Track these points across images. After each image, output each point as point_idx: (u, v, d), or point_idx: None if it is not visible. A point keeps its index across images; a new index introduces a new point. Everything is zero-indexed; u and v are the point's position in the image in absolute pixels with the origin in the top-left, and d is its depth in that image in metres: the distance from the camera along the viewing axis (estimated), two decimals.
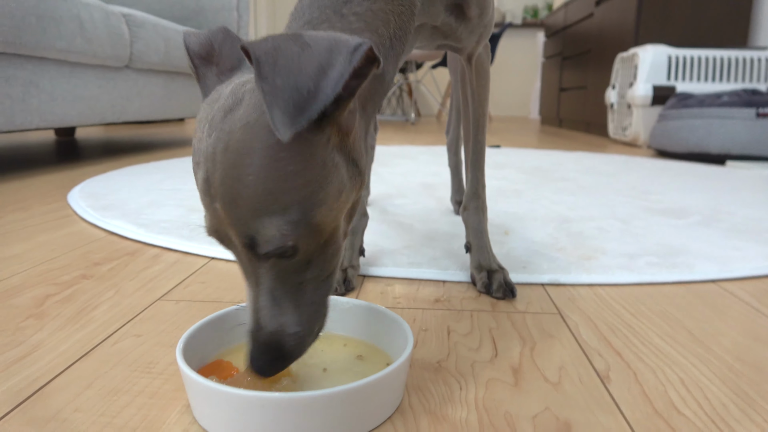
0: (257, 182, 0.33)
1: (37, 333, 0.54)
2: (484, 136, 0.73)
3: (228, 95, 0.35)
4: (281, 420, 0.36)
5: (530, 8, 6.89)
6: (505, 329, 0.57)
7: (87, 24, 1.69)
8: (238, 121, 0.33)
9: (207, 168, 0.34)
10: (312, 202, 0.34)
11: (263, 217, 0.33)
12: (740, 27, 2.94)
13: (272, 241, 0.33)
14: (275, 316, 0.37)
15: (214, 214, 0.35)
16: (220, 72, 0.39)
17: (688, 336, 0.56)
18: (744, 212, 1.14)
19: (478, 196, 0.72)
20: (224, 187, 0.33)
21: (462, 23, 0.61)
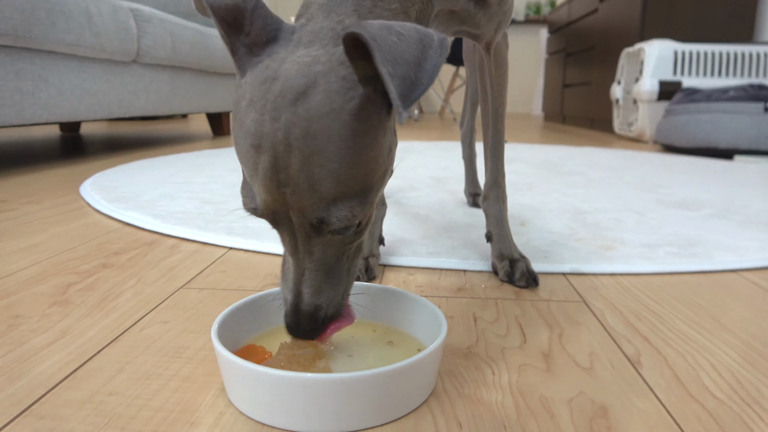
0: (341, 169, 0.33)
1: (64, 319, 0.54)
2: (503, 125, 0.73)
3: (293, 75, 0.33)
4: (322, 401, 0.35)
5: (533, 4, 6.88)
6: (531, 316, 0.57)
7: (95, 18, 1.68)
8: (317, 108, 0.33)
9: (276, 152, 0.33)
10: (378, 182, 0.37)
11: (340, 200, 0.34)
12: (746, 22, 2.93)
13: (344, 220, 0.35)
14: (323, 290, 0.38)
15: (276, 197, 0.35)
16: (253, 43, 0.36)
17: (715, 323, 0.56)
18: (757, 205, 1.14)
19: (498, 185, 0.72)
20: (303, 173, 0.33)
21: (481, 9, 0.60)
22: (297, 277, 0.38)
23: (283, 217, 0.36)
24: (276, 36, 0.37)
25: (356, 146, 0.34)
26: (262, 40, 0.36)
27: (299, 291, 0.38)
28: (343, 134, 0.33)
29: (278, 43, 0.37)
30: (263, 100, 0.34)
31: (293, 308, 0.38)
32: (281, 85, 0.34)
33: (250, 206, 0.37)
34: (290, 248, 0.37)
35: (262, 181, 0.34)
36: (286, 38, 0.37)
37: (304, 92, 0.33)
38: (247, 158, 0.35)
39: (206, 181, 1.31)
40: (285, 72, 0.34)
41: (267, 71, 0.35)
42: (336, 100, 0.33)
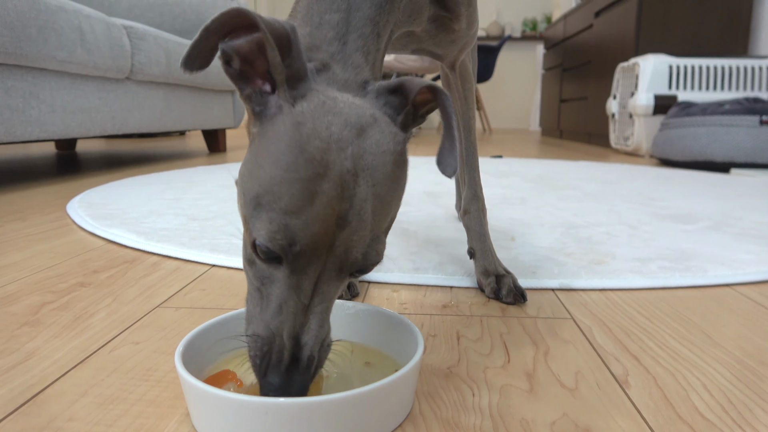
0: (392, 203, 0.36)
1: (32, 341, 0.52)
2: (475, 137, 0.74)
3: (352, 113, 0.35)
4: (288, 427, 0.34)
5: (529, 21, 6.93)
6: (516, 334, 0.55)
7: (88, 35, 1.68)
8: (377, 144, 0.35)
9: (344, 181, 0.33)
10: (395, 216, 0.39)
11: (380, 234, 0.36)
12: (740, 36, 2.94)
13: (380, 255, 0.36)
14: (319, 336, 0.36)
15: (329, 229, 0.33)
16: (291, 76, 0.36)
17: (707, 339, 0.54)
18: (753, 218, 1.12)
19: (478, 197, 0.71)
20: (368, 203, 0.34)
21: (443, 32, 0.61)
22: (299, 325, 0.34)
23: (320, 254, 0.33)
24: (305, 74, 0.37)
25: (401, 184, 0.37)
26: (300, 75, 0.36)
27: (300, 341, 0.34)
28: (395, 171, 0.36)
29: (311, 83, 0.37)
30: (328, 131, 0.34)
31: (290, 362, 0.34)
32: (344, 119, 0.35)
33: (281, 241, 0.33)
34: (305, 292, 0.34)
35: (321, 210, 0.32)
36: (314, 79, 0.38)
37: (365, 129, 0.35)
38: (302, 186, 0.32)
39: (196, 198, 1.30)
40: (343, 109, 0.35)
41: (326, 105, 0.35)
42: (390, 141, 0.36)
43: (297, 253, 0.33)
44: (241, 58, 0.36)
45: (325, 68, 0.39)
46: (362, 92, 0.39)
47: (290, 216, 0.32)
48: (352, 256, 0.34)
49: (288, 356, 0.34)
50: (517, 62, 7.05)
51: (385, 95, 0.38)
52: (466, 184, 0.72)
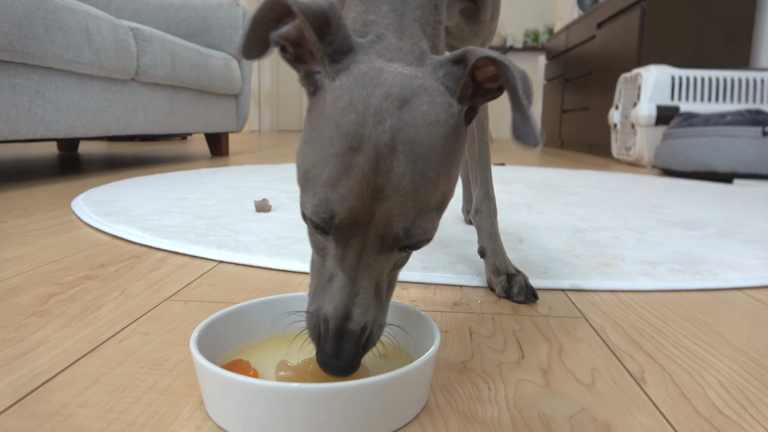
0: (438, 178, 0.34)
1: (40, 330, 0.52)
2: (488, 137, 0.74)
3: (397, 84, 0.34)
4: (305, 414, 0.33)
5: (531, 32, 6.97)
6: (529, 332, 0.55)
7: (95, 36, 1.69)
8: (423, 116, 0.34)
9: (380, 155, 0.33)
10: (451, 195, 0.37)
11: (426, 211, 0.34)
12: (742, 48, 2.95)
13: (426, 232, 0.35)
14: (371, 310, 0.36)
15: (366, 202, 0.33)
16: (335, 51, 0.36)
17: (721, 340, 0.54)
18: (759, 225, 1.12)
19: (489, 197, 0.71)
20: (406, 177, 0.33)
21: (470, 25, 0.62)
22: (349, 297, 0.35)
23: (360, 227, 0.34)
24: (353, 47, 0.37)
25: (451, 159, 0.35)
26: (343, 49, 0.36)
27: (348, 311, 0.35)
28: (444, 145, 0.35)
29: (359, 54, 0.37)
30: (365, 104, 0.34)
31: (336, 331, 0.35)
32: (385, 91, 0.34)
33: (323, 215, 0.34)
34: (350, 264, 0.35)
35: (355, 183, 0.33)
36: (364, 51, 0.37)
37: (410, 101, 0.34)
38: (338, 160, 0.33)
39: (200, 197, 1.29)
40: (386, 80, 0.35)
41: (366, 77, 0.35)
42: (440, 113, 0.35)
43: (338, 225, 0.34)
44: (291, 43, 0.37)
45: (380, 39, 0.39)
46: (420, 62, 0.38)
47: (329, 190, 0.33)
48: (393, 230, 0.34)
49: (334, 326, 0.35)
50: None
51: (447, 66, 0.37)
52: (477, 184, 0.72)
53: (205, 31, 2.74)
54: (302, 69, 0.38)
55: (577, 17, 4.25)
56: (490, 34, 0.65)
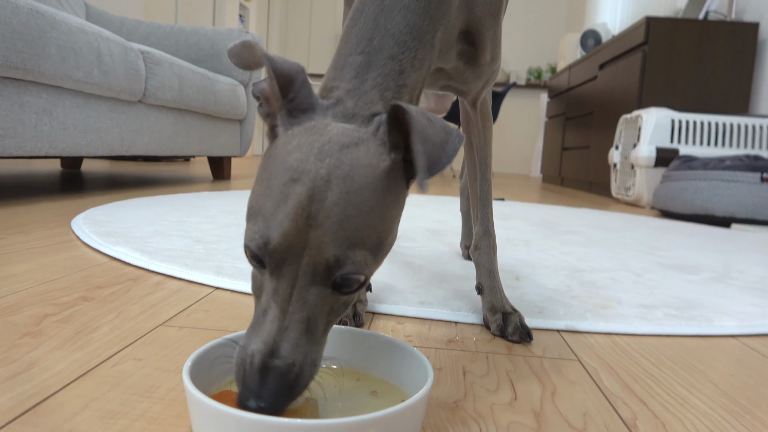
0: (370, 214, 0.36)
1: (33, 351, 0.51)
2: (490, 175, 0.74)
3: (339, 134, 0.38)
4: None
5: (534, 70, 7.08)
6: (522, 373, 0.55)
7: (105, 57, 1.72)
8: (361, 159, 0.37)
9: (315, 185, 0.35)
10: (388, 244, 0.39)
11: (356, 248, 0.35)
12: (741, 95, 3.00)
13: (357, 266, 0.36)
14: (301, 346, 0.35)
15: (300, 228, 0.34)
16: (294, 108, 0.40)
17: (714, 388, 0.54)
18: (756, 272, 1.12)
19: (489, 234, 0.71)
20: (338, 206, 0.35)
21: (470, 68, 0.63)
22: (278, 330, 0.35)
23: (294, 255, 0.35)
24: (313, 108, 0.41)
25: (384, 201, 0.37)
26: (302, 107, 0.40)
27: (276, 346, 0.34)
28: (377, 185, 0.37)
29: (315, 114, 0.40)
30: (310, 146, 0.37)
31: (261, 367, 0.34)
32: (329, 138, 0.37)
33: (258, 241, 0.35)
34: (282, 296, 0.35)
35: (291, 209, 0.35)
36: (321, 112, 0.41)
37: (348, 146, 0.37)
38: (277, 190, 0.36)
39: (200, 221, 1.30)
40: (331, 131, 0.38)
41: (315, 128, 0.39)
42: (374, 157, 0.38)
43: (271, 251, 0.35)
44: (265, 98, 0.42)
45: (338, 102, 0.42)
46: (367, 123, 0.41)
47: (268, 218, 0.35)
48: (324, 257, 0.35)
49: (258, 361, 0.34)
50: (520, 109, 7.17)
51: (385, 122, 0.40)
52: (478, 220, 0.72)
53: (214, 56, 2.78)
54: (269, 123, 0.41)
55: (580, 57, 4.33)
56: (492, 75, 0.67)
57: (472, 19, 0.58)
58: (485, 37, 0.60)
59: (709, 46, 3.00)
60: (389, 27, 0.48)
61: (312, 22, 8.10)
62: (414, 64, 0.47)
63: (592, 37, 4.64)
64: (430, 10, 0.50)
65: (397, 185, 0.39)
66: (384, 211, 0.37)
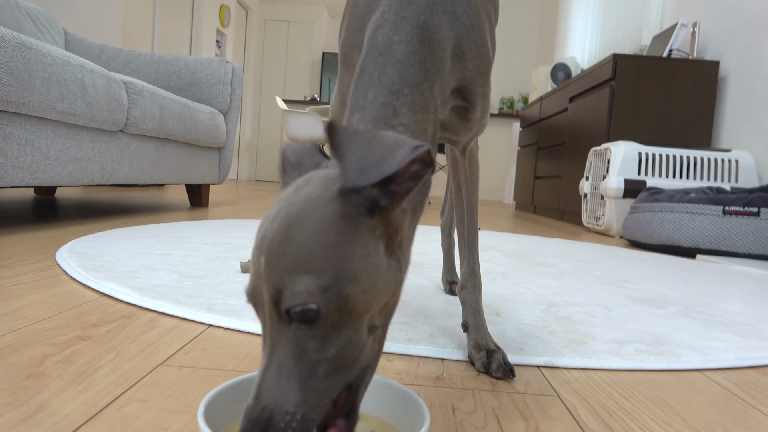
0: (302, 243, 0.35)
1: (40, 393, 0.53)
2: (477, 218, 0.79)
3: (301, 181, 0.40)
4: None
5: (507, 100, 7.27)
6: (507, 409, 0.58)
7: (89, 89, 1.73)
8: (303, 195, 0.38)
9: (265, 229, 0.37)
10: (345, 274, 0.36)
11: (297, 274, 0.35)
12: (704, 129, 3.15)
13: (297, 297, 0.34)
14: (274, 390, 0.35)
15: (256, 272, 0.37)
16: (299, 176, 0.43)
17: (682, 423, 0.58)
18: (719, 305, 1.19)
19: (475, 275, 0.76)
20: (274, 243, 0.36)
21: (461, 121, 0.68)
22: (260, 373, 0.36)
23: (258, 295, 0.37)
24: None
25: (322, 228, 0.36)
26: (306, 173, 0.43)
27: (258, 391, 0.35)
28: (311, 215, 0.36)
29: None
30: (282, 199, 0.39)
31: (245, 412, 0.35)
32: (295, 185, 0.40)
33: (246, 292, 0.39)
34: (263, 340, 0.37)
35: (253, 254, 0.37)
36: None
37: (300, 188, 0.39)
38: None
39: (185, 254, 1.31)
40: (305, 179, 0.40)
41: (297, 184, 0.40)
42: (316, 190, 0.38)
43: (246, 296, 0.38)
44: None
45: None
46: None
47: None
48: (270, 295, 0.36)
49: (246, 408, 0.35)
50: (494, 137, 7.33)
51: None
52: (465, 261, 0.76)
53: (194, 85, 2.81)
54: None
55: (551, 90, 4.48)
56: (481, 128, 0.71)
57: (463, 78, 0.63)
58: (476, 94, 0.65)
59: (673, 82, 3.15)
60: (384, 81, 0.51)
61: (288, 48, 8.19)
62: (413, 108, 0.50)
63: (562, 70, 4.81)
64: (425, 65, 0.54)
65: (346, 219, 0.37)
66: (327, 240, 0.36)
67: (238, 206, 3.10)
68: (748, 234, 2.14)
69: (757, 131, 2.82)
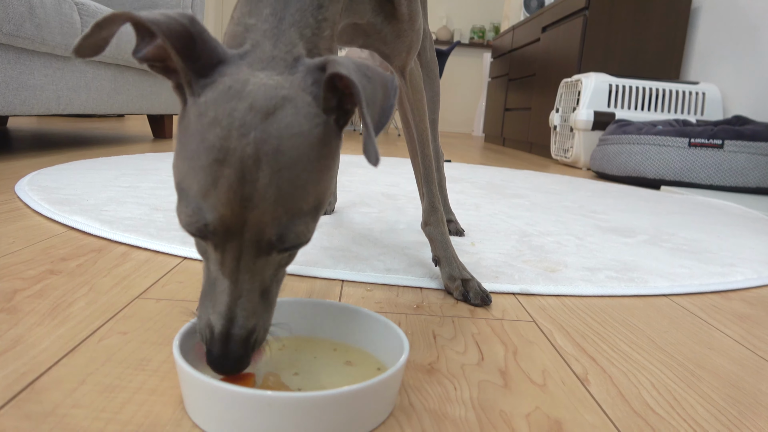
0: (307, 186, 0.35)
1: (13, 328, 0.52)
2: (430, 149, 0.74)
3: (261, 96, 0.35)
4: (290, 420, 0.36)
5: (478, 29, 7.11)
6: (486, 335, 0.60)
7: (37, 9, 1.61)
8: (287, 128, 0.35)
9: (245, 166, 0.34)
10: (327, 197, 0.39)
11: (299, 216, 0.35)
12: (674, 62, 3.16)
13: (300, 236, 0.36)
14: (255, 313, 0.37)
15: (236, 211, 0.34)
16: (202, 66, 0.36)
17: (651, 344, 0.61)
18: (683, 234, 1.23)
19: (436, 209, 0.74)
20: (272, 187, 0.34)
21: (389, 25, 0.61)
22: (232, 301, 0.36)
23: (234, 233, 0.35)
24: (223, 59, 0.37)
25: (319, 166, 0.36)
26: (211, 62, 0.37)
27: (233, 315, 0.36)
28: (309, 154, 0.36)
29: (228, 66, 0.37)
30: (229, 117, 0.34)
31: (223, 336, 0.36)
32: (249, 103, 0.35)
33: (196, 225, 0.35)
34: (230, 269, 0.36)
35: (223, 194, 0.34)
36: (234, 62, 0.37)
37: (273, 112, 0.35)
38: (204, 173, 0.34)
39: (153, 187, 1.28)
40: (250, 92, 0.35)
41: (230, 90, 0.35)
42: (304, 123, 0.36)
43: (212, 231, 0.35)
44: (157, 60, 0.38)
45: (254, 47, 0.39)
46: (292, 69, 0.38)
47: (200, 200, 0.35)
48: (266, 236, 0.35)
49: (218, 332, 0.36)
50: (464, 68, 7.21)
51: (315, 73, 0.37)
52: (424, 197, 0.75)
53: (152, 8, 2.65)
54: (173, 79, 0.38)
55: (524, 19, 4.39)
56: (415, 36, 0.64)
57: None
58: None
59: (646, 12, 3.11)
60: None
61: None
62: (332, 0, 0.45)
63: None
64: None
65: (332, 144, 0.37)
66: (320, 176, 0.37)
67: None
68: (711, 166, 2.19)
69: (725, 64, 2.84)
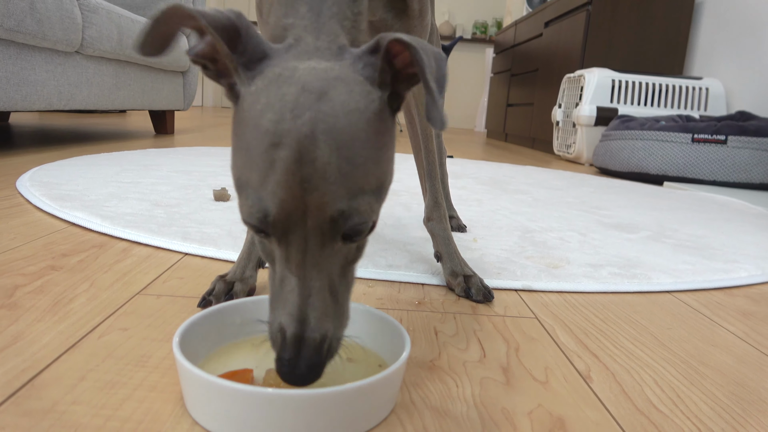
0: (366, 162, 0.35)
1: (14, 324, 0.52)
2: (434, 145, 0.74)
3: (312, 79, 0.35)
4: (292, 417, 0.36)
5: (480, 24, 7.09)
6: (488, 331, 0.59)
7: (38, 5, 1.61)
8: (342, 106, 0.34)
9: (301, 146, 0.33)
10: (389, 181, 0.38)
11: (360, 195, 0.34)
12: (677, 57, 3.14)
13: (364, 214, 0.35)
14: (327, 315, 0.35)
15: (296, 194, 0.33)
16: (249, 60, 0.37)
17: (654, 341, 0.61)
18: (687, 230, 1.22)
19: (439, 205, 0.74)
20: (331, 164, 0.33)
21: (399, 21, 0.62)
22: (301, 299, 0.35)
23: (296, 221, 0.34)
24: (267, 54, 0.37)
25: (377, 143, 0.36)
26: (257, 57, 0.37)
27: (304, 317, 0.34)
28: (367, 130, 0.35)
29: (273, 60, 0.37)
30: (281, 101, 0.34)
31: (295, 338, 0.34)
32: (300, 87, 0.34)
33: (257, 215, 0.34)
34: (296, 264, 0.35)
35: (281, 178, 0.33)
36: (279, 56, 0.38)
37: (326, 93, 0.34)
38: (261, 159, 0.34)
39: (155, 182, 1.27)
40: (301, 77, 0.35)
41: (281, 77, 0.35)
42: (360, 100, 0.35)
43: (273, 222, 0.34)
44: (209, 60, 0.38)
45: (297, 42, 0.39)
46: (338, 57, 0.38)
47: (259, 189, 0.34)
48: (328, 216, 0.34)
49: (291, 334, 0.34)
50: (466, 63, 7.19)
51: (364, 57, 0.38)
52: (427, 192, 0.75)
53: (153, 3, 2.64)
54: (224, 83, 0.38)
55: (526, 14, 4.37)
56: (422, 31, 0.64)
57: None
58: None
59: (650, 7, 3.09)
60: None
61: None
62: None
63: None
64: None
65: (387, 123, 0.37)
66: (380, 154, 0.36)
67: (204, 133, 3.01)
68: (714, 161, 2.18)
69: (728, 59, 2.83)
